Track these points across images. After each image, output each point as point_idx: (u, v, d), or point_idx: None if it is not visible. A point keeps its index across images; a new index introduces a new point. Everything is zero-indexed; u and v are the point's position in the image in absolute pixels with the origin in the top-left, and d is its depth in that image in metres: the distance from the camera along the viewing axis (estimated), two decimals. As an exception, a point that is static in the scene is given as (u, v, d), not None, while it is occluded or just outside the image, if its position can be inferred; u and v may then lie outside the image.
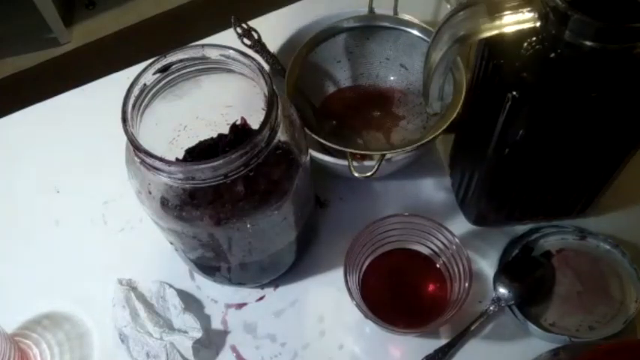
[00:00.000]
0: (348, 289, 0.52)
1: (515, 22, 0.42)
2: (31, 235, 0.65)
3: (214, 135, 0.57)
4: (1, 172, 0.70)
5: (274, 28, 0.67)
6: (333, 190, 0.64)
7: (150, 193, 0.47)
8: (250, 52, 0.61)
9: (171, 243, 0.54)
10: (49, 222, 0.65)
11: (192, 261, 0.56)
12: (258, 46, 0.64)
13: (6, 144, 0.72)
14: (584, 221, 0.61)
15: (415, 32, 0.62)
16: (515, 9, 0.42)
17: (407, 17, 0.63)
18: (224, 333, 0.57)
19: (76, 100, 0.75)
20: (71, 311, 0.59)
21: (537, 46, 0.43)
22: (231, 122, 0.55)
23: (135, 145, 0.50)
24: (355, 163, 0.56)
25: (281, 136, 0.46)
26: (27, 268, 0.62)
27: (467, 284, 0.51)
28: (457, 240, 0.53)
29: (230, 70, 0.50)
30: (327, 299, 0.59)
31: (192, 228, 0.48)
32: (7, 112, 0.74)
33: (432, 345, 0.55)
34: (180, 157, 0.57)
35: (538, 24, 0.42)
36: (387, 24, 0.63)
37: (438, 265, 0.56)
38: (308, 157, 0.53)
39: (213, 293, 0.59)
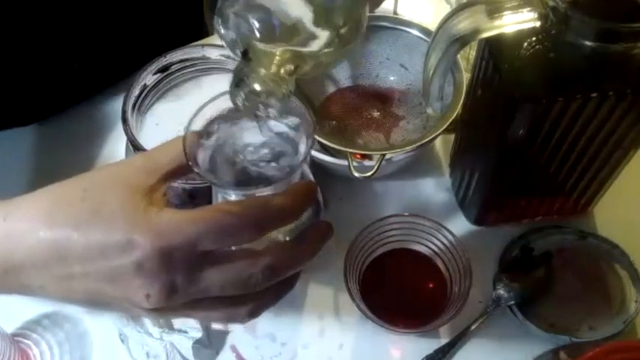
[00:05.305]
0: (348, 289, 0.52)
1: (515, 22, 0.42)
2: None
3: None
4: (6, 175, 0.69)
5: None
6: (333, 190, 0.64)
7: (150, 193, 0.47)
8: (250, 52, 0.61)
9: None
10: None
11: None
12: (258, 46, 0.64)
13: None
14: (584, 221, 0.61)
15: (415, 32, 0.62)
16: (515, 9, 0.41)
17: (407, 17, 0.63)
18: (224, 333, 0.57)
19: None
20: (71, 311, 0.59)
21: (537, 46, 0.43)
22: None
23: (135, 146, 0.50)
24: (355, 163, 0.56)
25: (281, 136, 0.46)
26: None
27: (467, 284, 0.51)
28: (457, 240, 0.53)
29: (230, 70, 0.50)
30: (327, 299, 0.59)
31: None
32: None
33: (432, 345, 0.55)
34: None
35: (538, 24, 0.42)
36: (387, 24, 0.63)
37: (438, 265, 0.56)
38: (308, 157, 0.53)
39: (213, 293, 0.59)
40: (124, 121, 0.51)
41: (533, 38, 0.43)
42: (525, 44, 0.44)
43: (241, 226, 0.32)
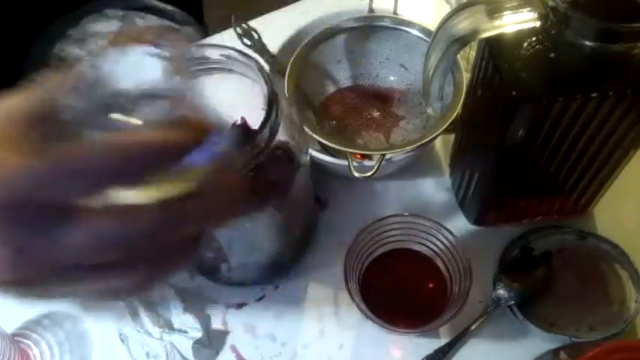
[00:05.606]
0: (348, 289, 0.52)
1: (515, 22, 0.42)
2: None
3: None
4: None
5: (274, 28, 0.67)
6: (333, 190, 0.64)
7: (150, 193, 0.47)
8: (250, 52, 0.61)
9: (172, 243, 0.54)
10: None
11: (192, 261, 0.56)
12: (258, 46, 0.64)
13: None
14: (584, 221, 0.60)
15: (415, 32, 0.62)
16: (515, 9, 0.42)
17: (407, 17, 0.63)
18: (224, 333, 0.57)
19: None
20: (71, 311, 0.59)
21: (537, 46, 0.43)
22: (231, 122, 0.55)
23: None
24: (355, 163, 0.56)
25: (281, 136, 0.46)
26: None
27: (467, 284, 0.51)
28: (457, 240, 0.53)
29: (230, 70, 0.50)
30: (327, 299, 0.59)
31: (192, 228, 0.48)
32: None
33: (432, 345, 0.55)
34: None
35: (538, 24, 0.42)
36: (387, 24, 0.63)
37: (438, 265, 0.56)
38: (308, 157, 0.53)
39: (213, 293, 0.59)
40: (124, 121, 0.50)
41: (533, 38, 0.43)
42: (525, 44, 0.44)
43: (94, 169, 0.24)
